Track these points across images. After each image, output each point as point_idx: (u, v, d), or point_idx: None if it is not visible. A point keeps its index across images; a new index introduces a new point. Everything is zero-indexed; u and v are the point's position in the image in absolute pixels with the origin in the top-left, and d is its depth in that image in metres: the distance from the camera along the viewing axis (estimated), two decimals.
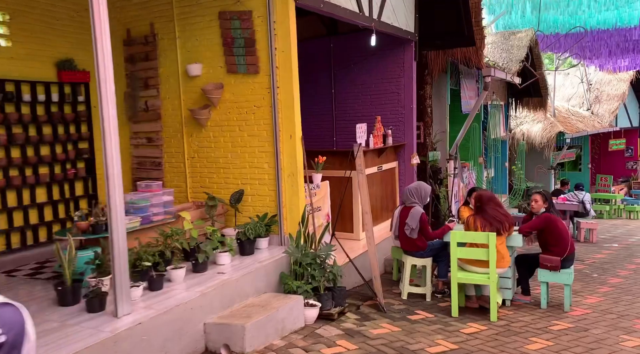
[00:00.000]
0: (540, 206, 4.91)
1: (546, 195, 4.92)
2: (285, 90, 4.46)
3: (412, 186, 5.19)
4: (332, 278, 4.18)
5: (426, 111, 8.02)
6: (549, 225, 4.78)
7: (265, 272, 4.06)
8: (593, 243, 9.33)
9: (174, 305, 3.18)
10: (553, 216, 4.81)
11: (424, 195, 5.08)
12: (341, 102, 7.74)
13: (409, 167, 7.37)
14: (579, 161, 17.92)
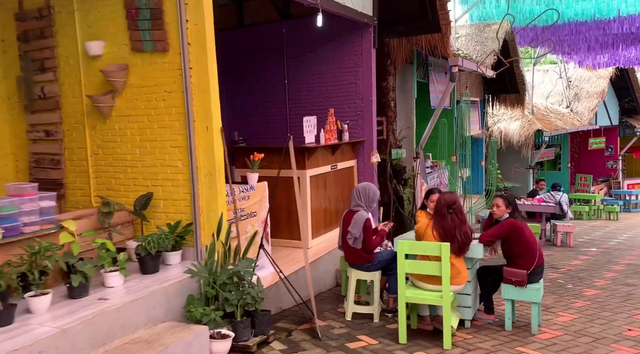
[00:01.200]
0: (503, 211, 4.23)
1: (509, 198, 4.24)
2: (200, 71, 3.70)
3: (359, 187, 4.46)
4: (252, 301, 3.43)
5: (389, 105, 7.33)
6: (513, 233, 4.10)
7: (166, 296, 3.29)
8: (570, 247, 8.75)
9: (10, 350, 2.39)
10: (518, 223, 4.13)
11: (371, 197, 4.36)
12: (296, 93, 7.00)
13: (368, 165, 6.66)
14: (559, 160, 17.48)
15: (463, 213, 3.96)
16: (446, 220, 3.87)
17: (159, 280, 3.38)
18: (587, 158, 18.35)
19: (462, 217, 3.91)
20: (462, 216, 3.91)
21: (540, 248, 4.21)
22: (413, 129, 8.12)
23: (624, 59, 14.79)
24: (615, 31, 11.62)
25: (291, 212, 5.60)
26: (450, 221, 3.86)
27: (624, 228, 12.11)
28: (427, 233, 3.94)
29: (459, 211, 3.91)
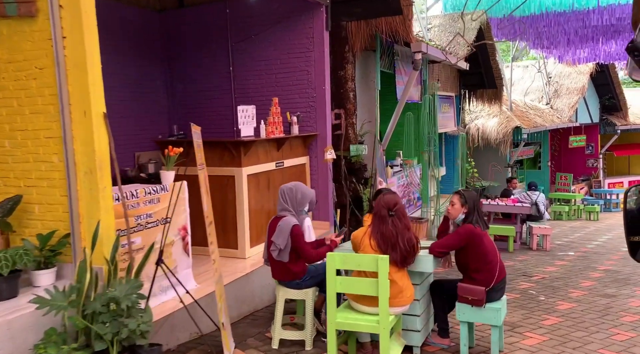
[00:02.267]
0: (458, 211, 3.55)
1: (466, 196, 3.56)
2: (75, 41, 2.94)
3: (284, 188, 3.74)
4: (134, 334, 2.68)
5: (348, 96, 6.62)
6: (471, 242, 3.43)
7: (10, 332, 2.53)
8: (547, 251, 8.16)
9: None
10: (477, 230, 3.46)
11: (299, 199, 3.65)
12: (242, 81, 6.25)
13: (322, 163, 5.95)
14: (539, 159, 17.01)
15: (406, 217, 3.26)
16: (386, 225, 3.17)
17: (6, 311, 2.61)
18: (568, 156, 17.93)
19: (405, 222, 3.21)
20: (405, 220, 3.22)
21: (501, 260, 3.54)
22: (376, 124, 7.42)
23: (604, 53, 14.32)
24: (595, 22, 11.10)
25: (227, 217, 4.86)
26: (390, 226, 3.16)
27: (604, 229, 11.62)
28: (363, 242, 3.23)
29: (402, 215, 3.22)
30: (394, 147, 10.35)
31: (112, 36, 5.62)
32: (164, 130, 6.51)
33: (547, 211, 9.14)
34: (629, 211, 1.18)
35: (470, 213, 3.49)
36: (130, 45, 6.08)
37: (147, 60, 6.36)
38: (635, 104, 18.67)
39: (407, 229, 3.19)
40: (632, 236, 1.15)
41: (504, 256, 7.53)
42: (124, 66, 5.95)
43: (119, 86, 5.89)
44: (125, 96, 5.96)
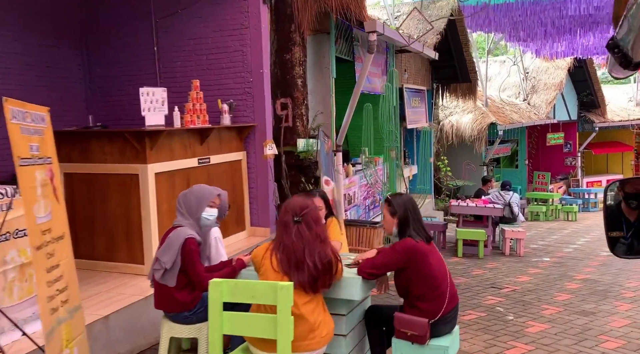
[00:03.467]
0: (390, 224, 2.79)
1: (395, 203, 2.78)
2: None
3: (182, 194, 2.91)
4: None
5: (295, 83, 5.79)
6: (412, 261, 2.63)
7: None
8: (520, 256, 7.46)
9: None
10: (419, 245, 2.66)
11: (194, 204, 2.81)
12: (169, 64, 5.38)
13: (261, 159, 5.12)
14: (516, 157, 16.45)
15: (320, 225, 2.44)
16: (288, 236, 2.35)
17: None
18: (546, 154, 17.42)
19: (317, 230, 2.39)
20: (317, 229, 2.40)
21: (452, 283, 2.75)
22: (332, 116, 6.62)
23: (582, 47, 13.79)
24: (572, 12, 10.49)
25: (131, 225, 3.98)
26: (294, 236, 2.34)
27: (582, 231, 11.04)
28: (264, 261, 2.41)
29: (312, 221, 2.40)
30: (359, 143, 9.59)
31: (10, 10, 4.71)
32: (82, 120, 5.59)
33: (521, 213, 8.47)
34: (608, 207, 1.19)
35: (404, 225, 2.69)
36: (35, 22, 5.15)
37: (58, 39, 5.44)
38: (614, 101, 18.29)
39: (321, 241, 2.37)
40: (611, 232, 1.17)
41: (473, 263, 6.80)
42: (26, 46, 5.03)
43: (18, 68, 4.97)
44: (27, 80, 5.04)
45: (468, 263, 6.87)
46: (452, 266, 6.52)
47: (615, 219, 1.17)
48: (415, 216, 2.73)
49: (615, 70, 1.08)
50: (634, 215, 1.13)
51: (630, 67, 0.99)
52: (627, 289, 5.48)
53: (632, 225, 1.14)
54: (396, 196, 2.85)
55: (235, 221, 4.99)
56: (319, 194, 3.36)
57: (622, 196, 1.15)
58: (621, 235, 1.16)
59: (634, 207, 1.13)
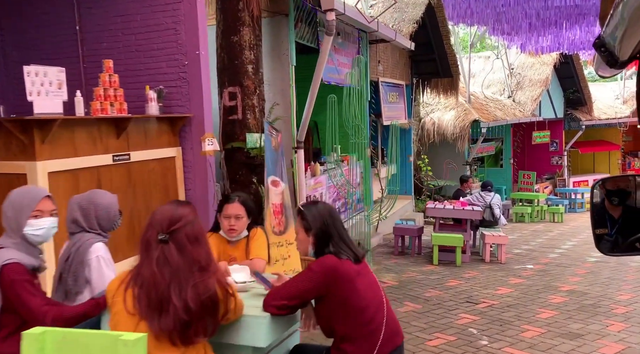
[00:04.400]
0: (305, 243, 2.08)
1: (309, 215, 2.07)
2: None
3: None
4: None
5: (244, 70, 5.06)
6: (332, 287, 1.94)
7: None
8: (502, 263, 6.83)
9: None
10: (343, 266, 1.97)
11: (13, 219, 2.05)
12: (94, 45, 4.63)
13: (200, 156, 4.40)
14: (500, 156, 15.90)
15: (201, 246, 1.72)
16: (149, 262, 1.64)
17: None
18: (531, 153, 16.90)
19: (194, 254, 1.68)
20: (195, 251, 1.68)
21: (392, 317, 2.06)
22: (292, 109, 5.92)
23: (568, 42, 13.27)
24: (558, 3, 9.93)
25: None
26: (156, 263, 1.63)
27: (569, 233, 10.47)
28: (116, 300, 1.69)
29: (189, 241, 1.68)
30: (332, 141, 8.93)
31: None
32: None
33: (503, 216, 7.84)
34: (595, 204, 1.22)
35: (322, 243, 2.00)
36: None
37: None
38: (600, 98, 17.84)
39: (199, 268, 1.66)
40: (597, 229, 1.19)
41: (450, 272, 6.13)
42: None
43: None
44: None
45: (443, 271, 6.21)
46: (425, 276, 5.86)
47: (600, 216, 1.20)
48: (336, 231, 2.04)
49: (601, 69, 1.09)
50: (617, 212, 1.16)
51: (616, 65, 0.99)
52: (617, 303, 4.86)
53: (616, 222, 1.16)
54: (311, 206, 2.15)
55: None
56: (238, 199, 2.66)
57: (604, 194, 1.18)
58: (606, 231, 1.18)
59: (616, 204, 1.16)
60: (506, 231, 10.42)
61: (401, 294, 5.05)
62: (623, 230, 1.15)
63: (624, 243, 1.13)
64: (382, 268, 6.22)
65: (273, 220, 4.11)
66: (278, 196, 4.26)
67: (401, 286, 5.35)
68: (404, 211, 10.93)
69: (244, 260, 2.62)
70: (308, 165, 7.29)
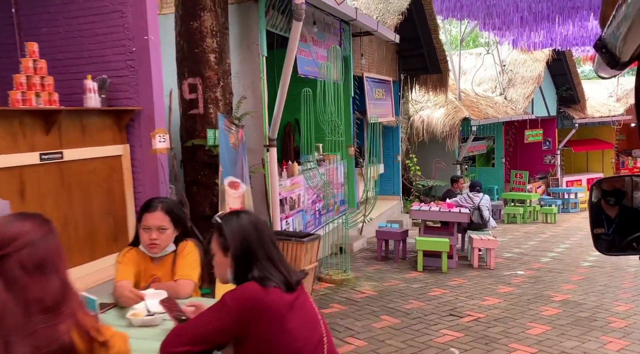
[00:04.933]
0: (223, 266, 1.62)
1: (228, 230, 1.61)
2: None
3: None
4: None
5: (205, 59, 4.58)
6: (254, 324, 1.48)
7: None
8: (491, 269, 6.40)
9: None
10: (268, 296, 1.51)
11: None
12: (32, 31, 4.13)
13: (151, 155, 3.92)
14: (492, 155, 15.51)
15: (50, 275, 1.23)
16: None
17: None
18: (524, 152, 16.52)
19: (34, 290, 1.18)
20: (35, 285, 1.19)
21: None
22: (263, 103, 5.44)
23: (560, 37, 12.90)
24: None
25: None
26: None
27: (562, 235, 10.07)
28: None
29: (24, 271, 1.19)
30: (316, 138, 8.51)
31: None
32: None
33: (493, 218, 7.42)
34: (592, 205, 1.22)
35: (243, 266, 1.54)
36: None
37: None
38: (594, 96, 17.50)
39: (45, 309, 1.17)
40: (595, 228, 1.20)
41: (434, 280, 5.66)
42: None
43: None
44: None
45: (428, 279, 5.77)
46: (407, 285, 5.41)
47: (598, 216, 1.20)
48: (263, 250, 1.57)
49: (602, 70, 1.08)
50: (614, 212, 1.17)
51: (617, 66, 1.00)
52: (615, 315, 4.43)
53: (613, 222, 1.16)
54: (231, 217, 1.67)
55: (113, 239, 3.78)
56: (161, 207, 2.19)
57: (601, 194, 1.19)
58: (603, 231, 1.18)
59: (612, 204, 1.17)
60: (497, 234, 10.01)
61: (379, 306, 4.59)
62: (620, 229, 1.16)
63: (621, 243, 1.14)
64: (362, 275, 5.77)
65: None
66: (237, 199, 3.79)
67: (380, 297, 4.90)
68: (392, 213, 10.49)
69: (170, 281, 2.15)
70: (285, 165, 6.84)
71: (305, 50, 6.47)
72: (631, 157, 18.63)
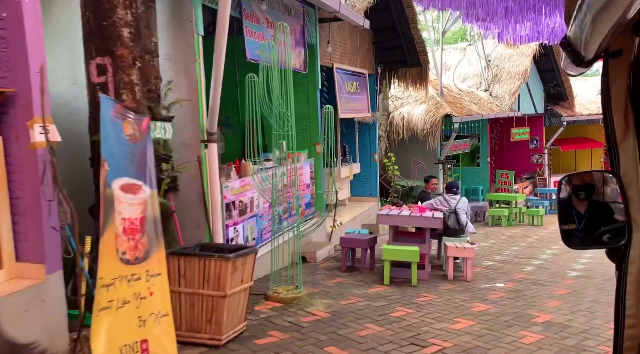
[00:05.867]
0: None
1: None
2: None
3: None
4: None
5: (117, 34, 3.78)
6: None
7: None
8: (467, 281, 5.66)
9: None
10: None
11: None
12: None
13: (28, 150, 3.10)
14: (477, 154, 14.84)
15: None
16: None
17: None
18: (510, 151, 15.89)
19: None
20: None
21: None
22: (199, 91, 4.64)
23: (547, 30, 12.25)
24: None
25: None
26: None
27: (548, 239, 9.39)
28: None
29: None
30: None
31: None
32: None
33: (470, 222, 6.68)
34: (562, 200, 1.23)
35: None
36: None
37: None
38: (582, 93, 16.92)
39: None
40: (564, 225, 1.21)
41: (401, 295, 4.80)
42: None
43: None
44: None
45: (393, 294, 5.01)
46: (368, 302, 4.65)
47: (568, 212, 1.20)
48: None
49: (569, 68, 1.13)
50: (584, 207, 1.19)
51: (583, 64, 1.02)
52: (607, 343, 3.70)
53: (583, 217, 1.19)
54: None
55: None
56: None
57: (571, 190, 1.21)
58: (574, 227, 1.19)
59: (582, 198, 1.19)
60: (479, 238, 9.31)
61: (328, 333, 3.82)
62: (590, 224, 1.16)
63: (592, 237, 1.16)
64: (319, 291, 4.99)
65: (123, 243, 2.84)
66: (135, 207, 2.98)
67: (332, 320, 4.13)
68: (368, 216, 9.75)
69: None
70: (239, 163, 6.06)
71: (258, 32, 5.69)
72: None
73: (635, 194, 0.99)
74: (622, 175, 1.00)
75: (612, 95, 0.99)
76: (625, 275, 1.04)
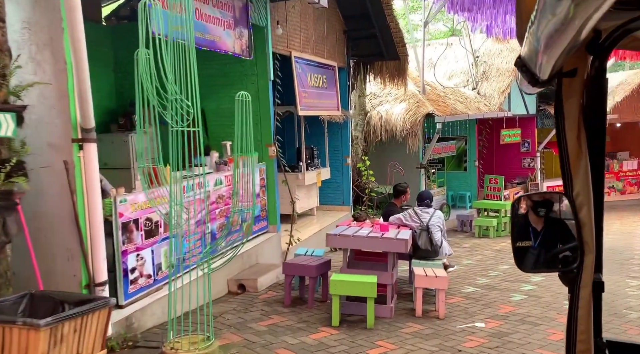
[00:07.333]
0: None
1: None
2: None
3: None
4: None
5: None
6: None
7: None
8: (439, 319, 4.48)
9: None
10: None
11: None
12: None
13: None
14: (465, 157, 13.72)
15: None
16: None
17: None
18: (500, 154, 14.78)
19: None
20: None
21: None
22: (68, 74, 3.42)
23: None
24: None
25: None
26: None
27: None
28: None
29: None
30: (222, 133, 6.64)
31: None
32: None
33: (446, 238, 5.49)
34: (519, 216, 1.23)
35: None
36: None
37: None
38: None
39: None
40: (519, 241, 1.19)
41: (349, 344, 3.69)
42: None
43: None
44: None
45: (340, 344, 3.81)
46: None
47: (522, 231, 1.21)
48: None
49: (525, 87, 1.11)
50: (540, 224, 1.19)
51: (538, 84, 1.02)
52: None
53: (539, 234, 1.18)
54: None
55: None
56: None
57: (530, 207, 1.20)
58: (529, 244, 1.18)
59: (541, 215, 1.18)
60: (463, 254, 8.15)
61: None
62: (546, 242, 1.17)
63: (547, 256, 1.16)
64: (240, 340, 3.80)
65: None
66: None
67: None
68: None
69: None
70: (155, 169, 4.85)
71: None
72: (616, 160, 17.09)
73: (587, 217, 1.02)
74: (575, 197, 1.03)
75: (565, 113, 1.03)
76: (577, 299, 1.04)
